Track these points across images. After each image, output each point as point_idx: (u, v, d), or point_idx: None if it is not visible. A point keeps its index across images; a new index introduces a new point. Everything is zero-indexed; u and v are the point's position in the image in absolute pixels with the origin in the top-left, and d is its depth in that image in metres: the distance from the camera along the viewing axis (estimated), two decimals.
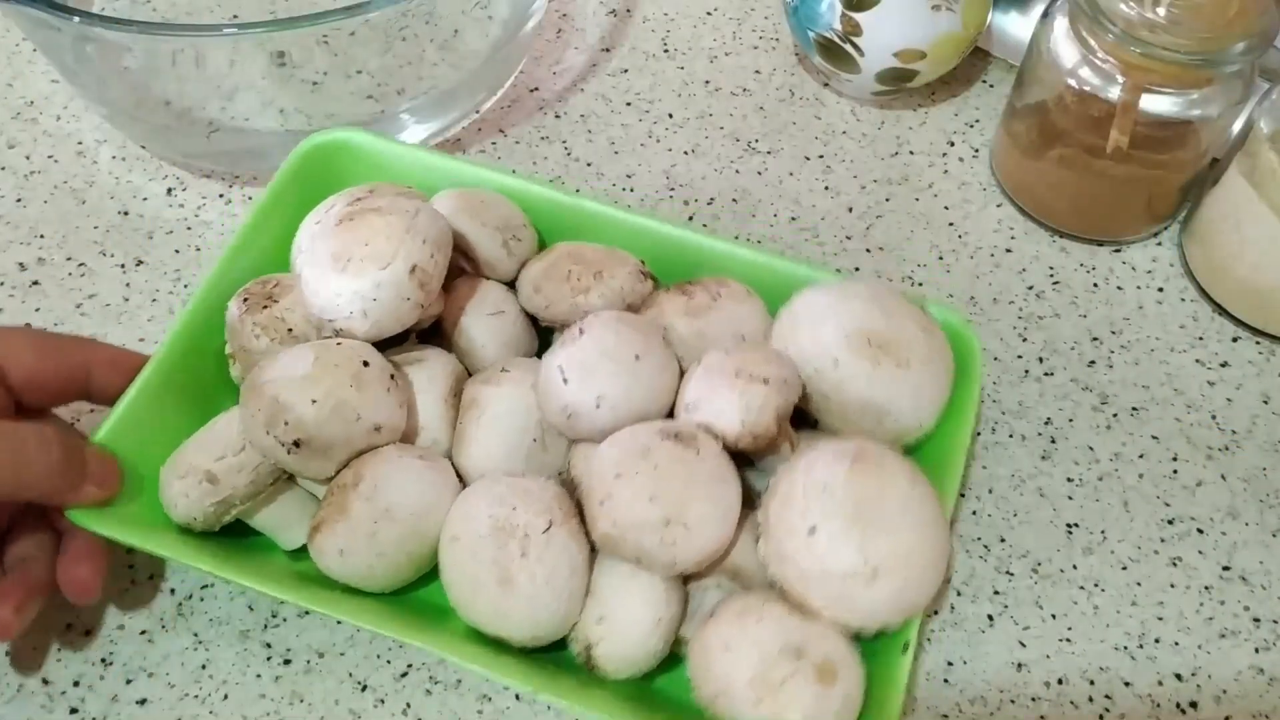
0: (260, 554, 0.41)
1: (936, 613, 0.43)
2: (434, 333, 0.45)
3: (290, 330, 0.42)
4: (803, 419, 0.41)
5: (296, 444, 0.37)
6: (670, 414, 0.40)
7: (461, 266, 0.45)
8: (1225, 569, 0.45)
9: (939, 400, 0.41)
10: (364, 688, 0.41)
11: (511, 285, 0.45)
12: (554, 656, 0.38)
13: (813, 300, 0.41)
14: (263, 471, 0.39)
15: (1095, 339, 0.52)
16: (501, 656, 0.37)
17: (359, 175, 0.47)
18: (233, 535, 0.41)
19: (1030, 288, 0.53)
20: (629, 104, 0.61)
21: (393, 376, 0.40)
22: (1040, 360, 0.51)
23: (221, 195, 0.56)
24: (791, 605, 0.36)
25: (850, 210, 0.56)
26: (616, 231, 0.46)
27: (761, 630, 0.35)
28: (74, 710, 0.40)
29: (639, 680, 0.38)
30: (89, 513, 0.39)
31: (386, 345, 0.42)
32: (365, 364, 0.39)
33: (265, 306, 0.42)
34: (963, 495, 0.45)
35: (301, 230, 0.43)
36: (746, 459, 0.40)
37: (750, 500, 0.39)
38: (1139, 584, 0.44)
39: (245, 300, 0.42)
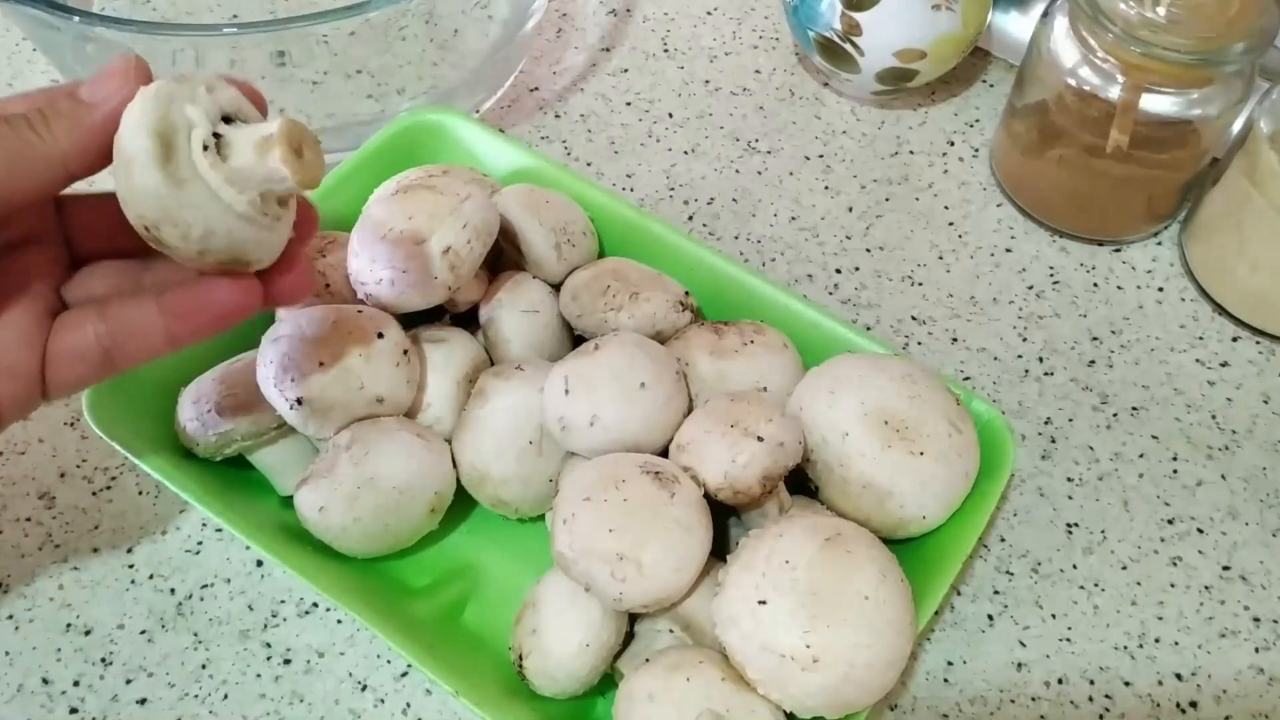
0: (253, 498, 0.42)
1: (937, 613, 0.43)
2: (471, 318, 0.45)
3: (328, 285, 0.43)
4: (805, 485, 0.41)
5: (299, 401, 0.39)
6: (667, 449, 0.39)
7: (513, 260, 0.46)
8: (1225, 569, 0.45)
9: (949, 497, 0.39)
10: (364, 688, 0.41)
11: (558, 289, 0.46)
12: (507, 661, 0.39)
13: (842, 367, 0.41)
14: (267, 416, 0.40)
15: (1095, 339, 0.52)
16: (438, 649, 0.37)
17: (451, 156, 0.49)
18: (236, 476, 0.42)
19: (1030, 288, 0.53)
20: (629, 104, 0.61)
21: (406, 352, 0.41)
22: (1040, 360, 0.51)
23: None
24: (730, 671, 0.35)
25: (850, 210, 0.56)
26: (675, 257, 0.46)
27: (689, 689, 0.34)
28: (74, 710, 0.40)
29: (575, 701, 0.38)
30: (105, 421, 0.40)
31: (418, 320, 0.44)
32: (380, 335, 0.40)
33: (312, 259, 0.44)
34: (957, 592, 0.45)
35: (371, 195, 0.44)
36: (732, 510, 0.39)
37: (724, 551, 0.38)
38: (1139, 584, 0.44)
39: None
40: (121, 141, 0.29)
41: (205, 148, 0.29)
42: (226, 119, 0.30)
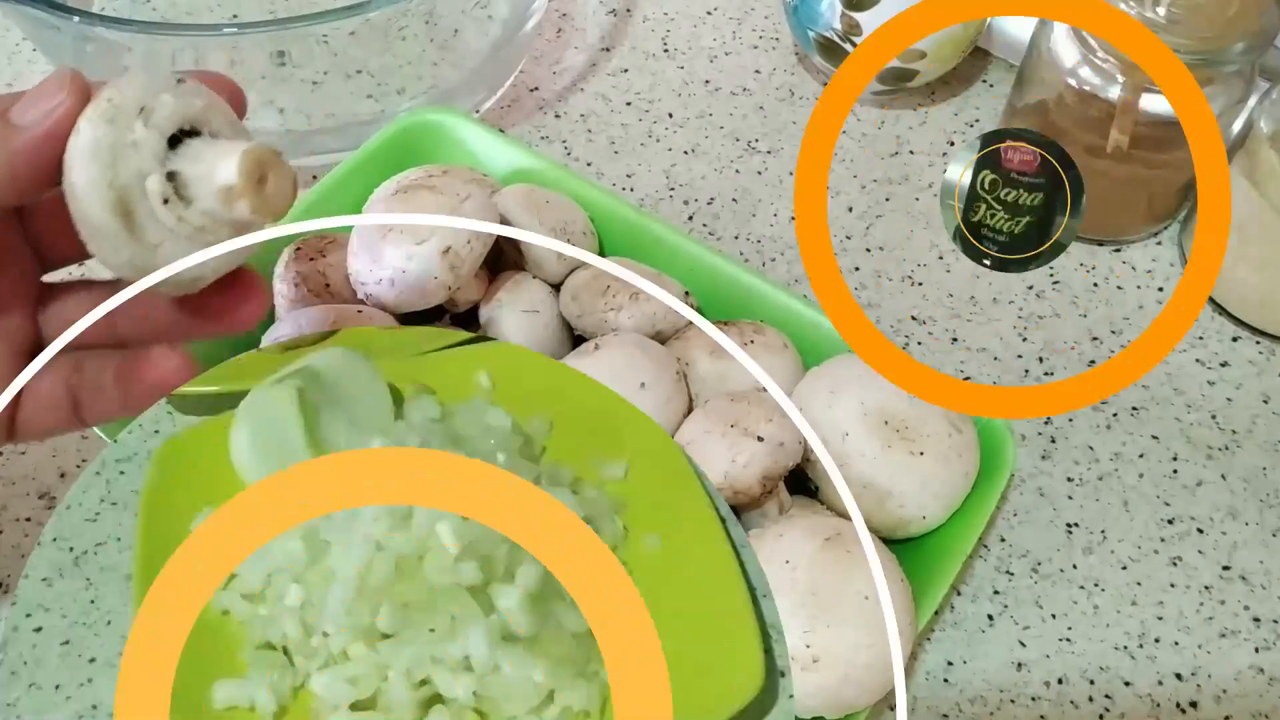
0: None
1: (937, 613, 0.43)
2: (471, 318, 0.45)
3: (327, 285, 0.43)
4: (805, 485, 0.41)
5: None
6: None
7: (513, 260, 0.46)
8: (1225, 569, 0.45)
9: (949, 497, 0.39)
10: None
11: (558, 289, 0.46)
12: None
13: (842, 367, 0.41)
14: None
15: (1095, 339, 0.52)
16: None
17: (451, 156, 0.49)
18: None
19: (1030, 287, 0.53)
20: (629, 104, 0.61)
21: None
22: (1040, 360, 0.51)
23: None
24: None
25: (850, 210, 0.56)
26: (675, 257, 0.46)
27: None
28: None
29: None
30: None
31: (418, 320, 0.44)
32: None
33: (312, 259, 0.44)
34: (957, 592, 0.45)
35: (371, 195, 0.44)
36: (731, 510, 0.39)
37: None
38: (1139, 584, 0.44)
39: (298, 249, 0.44)
40: (81, 214, 0.27)
41: (166, 200, 0.28)
42: (176, 137, 0.28)
